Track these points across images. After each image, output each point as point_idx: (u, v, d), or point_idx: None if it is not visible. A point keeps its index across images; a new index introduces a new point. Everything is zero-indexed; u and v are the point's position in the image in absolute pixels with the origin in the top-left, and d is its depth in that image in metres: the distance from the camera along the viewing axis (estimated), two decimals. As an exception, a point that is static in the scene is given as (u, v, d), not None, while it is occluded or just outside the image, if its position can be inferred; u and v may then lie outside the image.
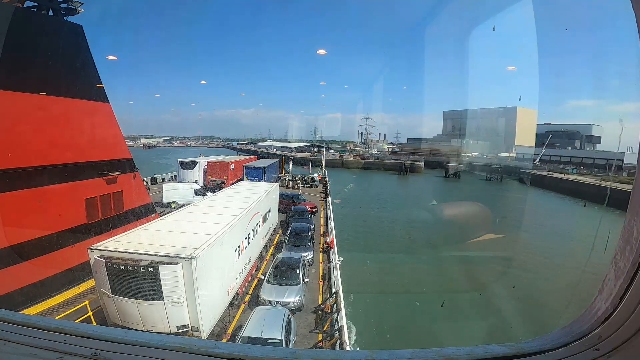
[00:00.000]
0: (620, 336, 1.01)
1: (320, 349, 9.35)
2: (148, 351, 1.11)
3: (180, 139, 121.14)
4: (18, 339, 1.16)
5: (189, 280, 8.54)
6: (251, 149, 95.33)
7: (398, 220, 28.26)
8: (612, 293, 1.04)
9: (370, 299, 16.76)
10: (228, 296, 11.09)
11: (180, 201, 23.50)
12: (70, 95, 13.96)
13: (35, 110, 12.51)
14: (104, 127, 16.10)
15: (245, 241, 12.89)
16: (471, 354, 1.08)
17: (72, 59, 14.59)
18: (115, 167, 16.00)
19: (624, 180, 31.91)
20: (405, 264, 20.67)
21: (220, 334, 10.26)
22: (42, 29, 13.43)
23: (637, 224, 0.97)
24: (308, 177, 37.77)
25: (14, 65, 11.96)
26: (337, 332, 10.23)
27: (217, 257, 9.97)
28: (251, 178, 30.23)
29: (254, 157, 42.48)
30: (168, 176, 35.91)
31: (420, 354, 1.08)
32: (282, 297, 11.68)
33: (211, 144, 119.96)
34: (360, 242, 24.15)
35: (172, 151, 77.10)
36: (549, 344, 1.11)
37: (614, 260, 1.06)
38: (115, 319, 9.08)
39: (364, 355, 1.09)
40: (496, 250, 19.03)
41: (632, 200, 1.01)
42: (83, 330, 1.20)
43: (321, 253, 17.50)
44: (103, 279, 8.76)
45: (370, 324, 14.63)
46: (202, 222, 11.51)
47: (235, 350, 1.10)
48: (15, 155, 11.67)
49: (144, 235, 10.07)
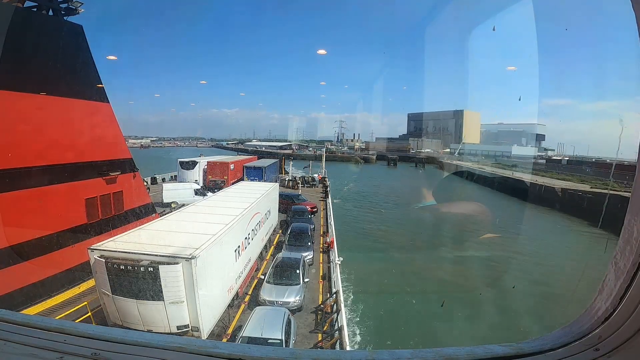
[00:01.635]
0: (620, 336, 1.01)
1: (320, 349, 9.35)
2: (148, 351, 1.11)
3: (167, 139, 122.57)
4: (18, 339, 1.16)
5: (189, 280, 8.54)
6: (241, 148, 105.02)
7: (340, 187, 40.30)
8: (612, 293, 1.04)
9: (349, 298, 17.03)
10: (228, 296, 11.09)
11: (180, 201, 23.50)
12: (70, 95, 13.96)
13: (35, 110, 12.51)
14: (104, 127, 16.10)
15: (245, 241, 12.89)
16: (471, 354, 1.08)
17: (72, 59, 14.59)
18: (115, 167, 16.00)
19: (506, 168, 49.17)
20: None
21: (220, 334, 10.26)
22: (42, 29, 13.43)
23: (637, 224, 0.97)
24: (308, 177, 37.79)
25: (14, 65, 11.95)
26: (337, 332, 10.24)
27: (217, 257, 9.97)
28: (251, 178, 30.25)
29: (254, 157, 42.50)
30: (168, 176, 35.94)
31: (420, 354, 1.08)
32: (282, 297, 11.68)
33: (201, 144, 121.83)
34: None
35: (164, 150, 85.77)
36: (549, 344, 1.11)
37: (614, 260, 1.06)
38: (115, 319, 9.08)
39: (364, 355, 1.09)
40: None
41: (632, 200, 1.01)
42: (83, 330, 1.19)
43: (321, 253, 17.50)
44: (103, 279, 8.75)
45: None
46: (202, 222, 11.51)
47: (235, 350, 1.10)
48: (16, 156, 11.67)
49: (144, 235, 10.06)
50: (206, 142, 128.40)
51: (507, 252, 22.25)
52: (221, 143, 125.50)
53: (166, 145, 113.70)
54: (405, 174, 64.90)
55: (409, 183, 51.89)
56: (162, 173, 36.46)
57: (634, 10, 0.94)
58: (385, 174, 66.21)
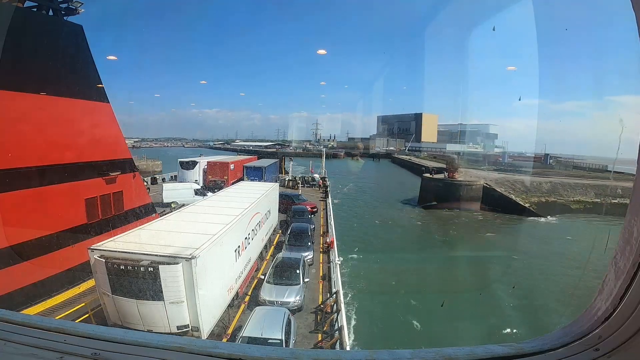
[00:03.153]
0: (620, 336, 1.01)
1: (320, 349, 9.35)
2: (148, 351, 1.11)
3: (149, 140, 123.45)
4: (18, 339, 1.16)
5: (189, 280, 8.53)
6: (229, 148, 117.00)
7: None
8: (612, 293, 1.04)
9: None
10: (228, 296, 11.09)
11: (180, 201, 23.50)
12: (70, 95, 13.96)
13: (35, 110, 12.51)
14: (104, 127, 16.11)
15: (246, 241, 12.88)
16: (471, 354, 1.08)
17: (72, 59, 14.59)
18: (115, 167, 16.00)
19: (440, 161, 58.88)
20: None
21: (220, 334, 10.26)
22: (42, 29, 13.43)
23: (637, 224, 0.97)
24: (308, 177, 37.80)
25: (14, 65, 11.95)
26: (337, 332, 10.24)
27: (217, 257, 9.97)
28: (251, 178, 30.25)
29: (254, 157, 42.51)
30: (168, 176, 35.95)
31: (420, 354, 1.08)
32: (282, 297, 11.68)
33: (187, 145, 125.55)
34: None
35: (153, 150, 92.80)
36: (549, 344, 1.11)
37: (614, 260, 1.06)
38: (115, 319, 9.07)
39: (364, 355, 1.09)
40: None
41: (632, 200, 1.01)
42: (83, 330, 1.19)
43: (321, 253, 17.50)
44: (103, 279, 8.75)
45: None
46: (202, 222, 11.51)
47: (235, 350, 1.10)
48: (16, 155, 11.67)
49: (144, 235, 10.06)
50: (191, 143, 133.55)
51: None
52: (208, 143, 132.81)
53: (154, 146, 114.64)
54: (360, 165, 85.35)
55: (356, 168, 75.08)
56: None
57: (634, 10, 0.94)
58: (343, 164, 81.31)
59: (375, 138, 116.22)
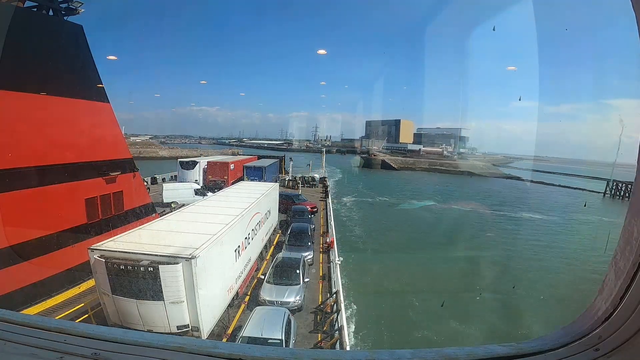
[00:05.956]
0: (620, 336, 1.01)
1: (320, 349, 9.35)
2: (148, 351, 1.11)
3: (160, 137, 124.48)
4: (18, 339, 1.16)
5: (189, 280, 8.53)
6: (244, 145, 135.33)
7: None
8: (612, 293, 1.04)
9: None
10: (228, 296, 11.08)
11: (180, 201, 23.52)
12: (70, 95, 13.96)
13: (36, 110, 12.51)
14: (104, 127, 16.11)
15: (246, 241, 12.88)
16: (471, 354, 1.08)
17: (72, 59, 14.60)
18: (116, 167, 16.00)
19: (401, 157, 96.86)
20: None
21: (220, 334, 10.27)
22: (42, 29, 13.43)
23: (637, 224, 0.97)
24: (308, 177, 37.80)
25: (14, 65, 11.95)
26: (337, 332, 10.24)
27: (217, 257, 9.97)
28: (251, 178, 30.26)
29: (254, 157, 42.54)
30: (168, 176, 35.95)
31: (420, 354, 1.08)
32: (282, 297, 11.68)
33: (191, 142, 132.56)
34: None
35: (181, 145, 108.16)
36: (549, 344, 1.11)
37: (614, 260, 1.06)
38: (115, 319, 9.07)
39: (364, 356, 1.09)
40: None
41: (632, 200, 1.01)
42: (83, 330, 1.19)
43: (321, 253, 17.51)
44: (103, 279, 8.75)
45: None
46: (202, 222, 11.50)
47: (235, 350, 1.10)
48: (16, 155, 11.67)
49: (144, 235, 10.05)
50: (196, 140, 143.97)
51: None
52: (222, 141, 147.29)
53: (169, 142, 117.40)
54: (344, 159, 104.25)
55: (339, 161, 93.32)
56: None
57: (634, 10, 0.94)
58: (332, 158, 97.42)
59: (362, 139, 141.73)
